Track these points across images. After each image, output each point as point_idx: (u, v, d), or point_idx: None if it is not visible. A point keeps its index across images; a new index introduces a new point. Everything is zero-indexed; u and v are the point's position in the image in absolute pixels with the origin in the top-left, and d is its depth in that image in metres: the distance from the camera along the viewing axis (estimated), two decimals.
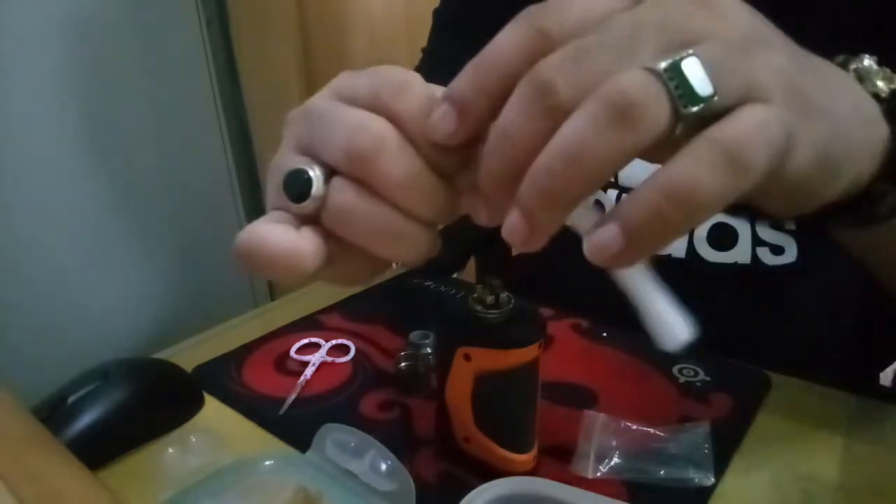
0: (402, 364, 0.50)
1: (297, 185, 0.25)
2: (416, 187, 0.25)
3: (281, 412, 0.46)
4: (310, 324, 0.59)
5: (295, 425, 0.45)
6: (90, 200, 0.89)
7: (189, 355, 0.53)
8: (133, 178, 0.93)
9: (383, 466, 0.37)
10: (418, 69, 0.64)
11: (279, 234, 0.25)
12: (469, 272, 0.85)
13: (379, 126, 0.25)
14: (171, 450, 0.41)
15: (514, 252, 0.21)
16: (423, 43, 0.69)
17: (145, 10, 0.90)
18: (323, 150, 0.26)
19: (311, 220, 0.26)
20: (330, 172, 0.26)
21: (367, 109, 0.25)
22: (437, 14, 0.66)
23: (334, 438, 0.39)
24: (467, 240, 0.87)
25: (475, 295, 0.37)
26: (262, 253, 0.24)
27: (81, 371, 0.45)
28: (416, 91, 0.25)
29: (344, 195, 0.25)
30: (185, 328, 0.61)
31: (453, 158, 0.25)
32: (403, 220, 0.25)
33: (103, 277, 0.92)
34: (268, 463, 0.40)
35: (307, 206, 0.25)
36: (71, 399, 0.42)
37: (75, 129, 0.86)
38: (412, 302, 0.63)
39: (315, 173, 0.25)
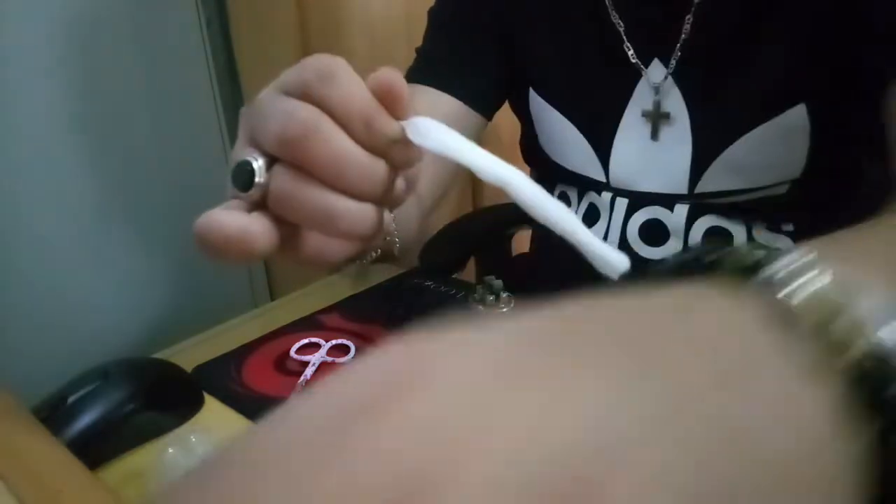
0: None
1: (242, 176, 0.28)
2: (347, 166, 0.27)
3: None
4: (310, 324, 0.59)
5: None
6: (90, 200, 0.89)
7: (189, 355, 0.53)
8: (133, 178, 0.93)
9: None
10: (412, 69, 0.64)
11: (231, 219, 0.27)
12: (469, 272, 0.85)
13: (307, 112, 0.26)
14: (171, 450, 0.41)
15: None
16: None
17: (145, 10, 0.90)
18: (263, 140, 0.27)
19: (262, 206, 0.28)
20: (273, 161, 0.27)
21: (300, 98, 0.27)
22: (433, 14, 0.66)
23: None
24: (467, 240, 0.87)
25: (475, 295, 0.37)
26: (216, 236, 0.26)
27: (81, 371, 0.45)
28: (341, 76, 0.27)
29: (282, 180, 0.27)
30: (185, 328, 0.60)
31: (384, 137, 0.27)
32: (341, 199, 0.27)
33: (103, 277, 0.92)
34: None
35: (252, 194, 0.27)
36: (71, 399, 0.42)
37: (75, 129, 0.86)
38: (412, 302, 0.63)
39: (257, 164, 0.27)
